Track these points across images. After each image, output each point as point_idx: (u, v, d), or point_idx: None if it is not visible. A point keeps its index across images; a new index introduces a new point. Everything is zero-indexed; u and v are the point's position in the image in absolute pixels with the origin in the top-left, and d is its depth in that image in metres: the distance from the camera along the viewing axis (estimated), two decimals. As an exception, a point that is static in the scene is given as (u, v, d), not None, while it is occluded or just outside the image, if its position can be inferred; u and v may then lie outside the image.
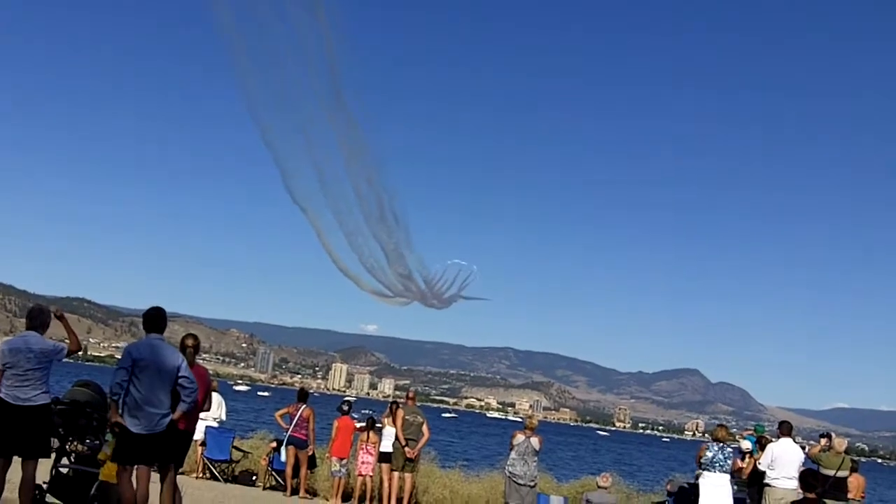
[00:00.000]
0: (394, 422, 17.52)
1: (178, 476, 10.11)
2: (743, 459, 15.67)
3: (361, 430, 18.11)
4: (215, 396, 17.28)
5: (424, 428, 17.40)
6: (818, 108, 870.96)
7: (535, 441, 15.60)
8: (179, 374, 9.35)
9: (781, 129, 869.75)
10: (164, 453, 9.45)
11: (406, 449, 16.99)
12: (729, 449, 15.01)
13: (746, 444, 15.93)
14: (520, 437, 15.69)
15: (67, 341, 9.93)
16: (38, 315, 9.86)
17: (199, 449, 18.31)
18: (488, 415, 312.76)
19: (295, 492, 17.37)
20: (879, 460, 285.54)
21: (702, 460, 14.83)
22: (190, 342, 10.31)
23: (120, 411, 9.18)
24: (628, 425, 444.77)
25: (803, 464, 14.84)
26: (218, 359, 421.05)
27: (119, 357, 9.74)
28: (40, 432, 9.54)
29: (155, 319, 9.53)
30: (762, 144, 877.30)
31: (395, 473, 17.14)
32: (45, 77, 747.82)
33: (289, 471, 17.44)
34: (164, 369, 9.26)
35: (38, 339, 9.62)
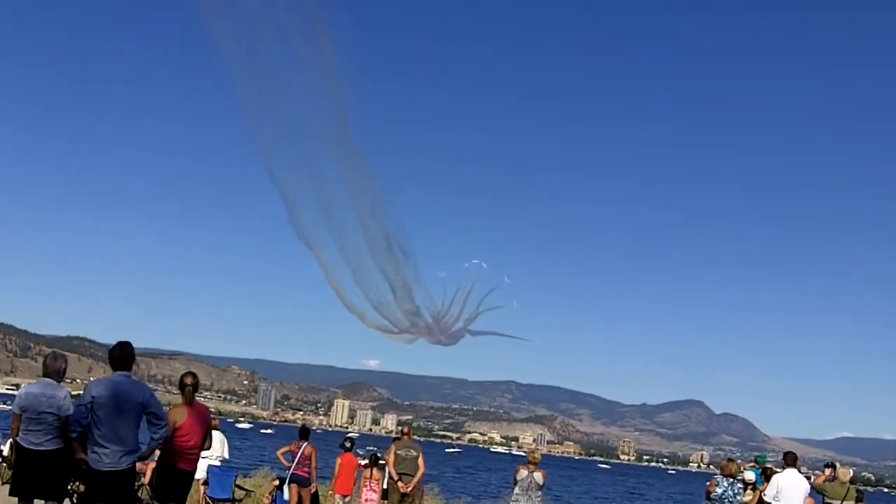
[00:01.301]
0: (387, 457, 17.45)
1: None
2: (745, 491, 15.57)
3: (365, 466, 18.03)
4: (217, 434, 17.17)
5: (420, 461, 17.22)
6: (834, 127, 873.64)
7: (538, 476, 15.51)
8: (146, 410, 9.24)
9: (786, 149, 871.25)
10: (126, 491, 9.37)
11: (399, 484, 16.86)
12: (739, 484, 14.94)
13: (750, 476, 15.82)
14: (523, 472, 15.60)
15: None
16: (53, 363, 10.08)
17: (202, 488, 18.19)
18: (492, 449, 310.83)
19: (298, 530, 17.23)
20: (886, 490, 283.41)
21: (711, 496, 14.75)
22: (189, 380, 10.27)
23: (85, 449, 9.19)
24: (633, 458, 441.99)
25: (809, 494, 14.76)
26: (219, 396, 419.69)
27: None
28: (56, 476, 9.72)
29: (121, 358, 9.42)
30: (763, 167, 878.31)
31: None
32: (45, 111, 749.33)
33: (292, 509, 17.32)
34: (125, 406, 9.14)
35: (55, 386, 9.88)
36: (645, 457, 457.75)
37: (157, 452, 10.13)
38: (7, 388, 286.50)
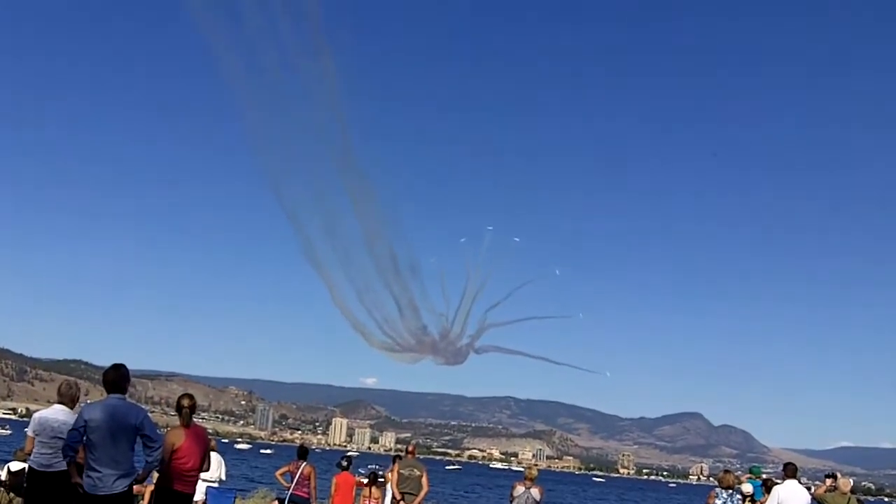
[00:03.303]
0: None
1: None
2: (744, 502, 15.56)
3: (364, 485, 17.97)
4: (214, 456, 17.12)
5: (423, 480, 17.16)
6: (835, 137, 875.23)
7: (535, 492, 15.49)
8: (140, 432, 9.23)
9: (779, 159, 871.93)
10: None
11: (401, 503, 16.79)
12: (738, 496, 14.93)
13: (748, 488, 15.83)
14: (520, 489, 15.58)
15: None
16: (67, 391, 10.85)
17: (200, 510, 18.14)
18: (491, 466, 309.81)
19: (298, 551, 17.14)
20: (886, 499, 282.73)
21: (711, 508, 14.74)
22: (186, 402, 10.26)
23: (81, 473, 9.20)
24: (632, 471, 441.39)
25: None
26: (217, 417, 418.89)
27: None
28: (61, 497, 9.93)
29: (114, 380, 9.40)
30: (758, 175, 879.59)
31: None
32: (42, 131, 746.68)
33: (291, 529, 17.24)
34: (119, 429, 9.12)
35: (66, 413, 10.52)
36: (644, 470, 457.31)
37: (156, 475, 10.12)
38: (4, 413, 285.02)
